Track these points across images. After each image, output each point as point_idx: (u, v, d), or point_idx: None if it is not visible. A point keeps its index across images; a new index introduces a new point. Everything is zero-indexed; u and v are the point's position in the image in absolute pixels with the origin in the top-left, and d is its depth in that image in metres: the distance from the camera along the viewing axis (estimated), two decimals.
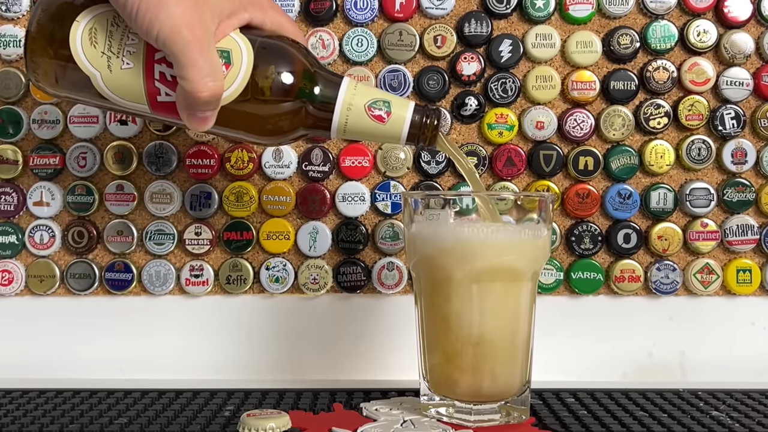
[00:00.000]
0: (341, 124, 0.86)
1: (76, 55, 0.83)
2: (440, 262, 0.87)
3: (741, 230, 1.13)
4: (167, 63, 0.82)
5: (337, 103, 0.86)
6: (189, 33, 0.77)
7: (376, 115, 0.86)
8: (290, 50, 0.86)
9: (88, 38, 0.83)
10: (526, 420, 0.89)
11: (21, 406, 0.94)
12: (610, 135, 1.12)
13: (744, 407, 0.95)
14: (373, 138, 0.89)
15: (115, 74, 0.84)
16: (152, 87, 0.83)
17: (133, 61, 0.83)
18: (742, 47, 1.12)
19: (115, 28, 0.83)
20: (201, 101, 0.79)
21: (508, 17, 1.13)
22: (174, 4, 0.77)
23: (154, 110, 0.85)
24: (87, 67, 0.84)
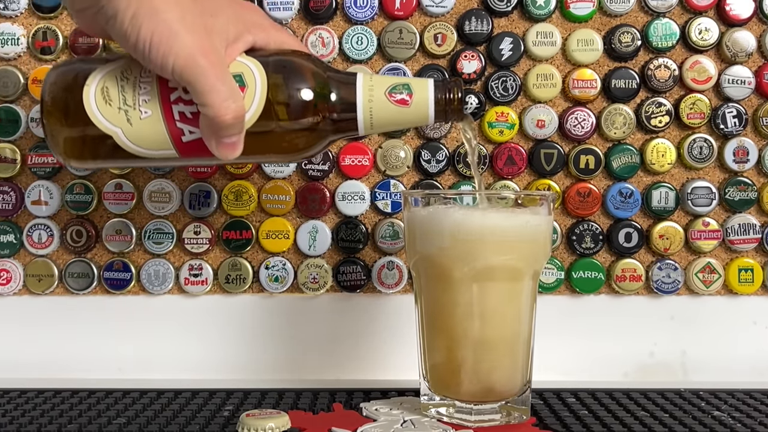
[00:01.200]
0: (367, 119, 0.86)
1: (94, 116, 0.83)
2: (440, 261, 0.87)
3: (743, 229, 1.13)
4: (184, 101, 0.82)
5: (357, 101, 0.85)
6: (204, 60, 0.78)
7: (399, 100, 0.85)
8: (299, 62, 0.86)
9: (101, 98, 0.83)
10: (526, 420, 0.89)
11: (19, 406, 0.94)
12: (611, 133, 1.12)
13: (746, 407, 0.95)
14: (401, 124, 0.89)
15: (136, 126, 0.83)
16: (175, 129, 0.83)
17: (150, 109, 0.82)
18: (743, 45, 1.12)
19: (126, 81, 0.83)
20: (226, 124, 0.79)
21: (508, 15, 1.13)
22: (185, 33, 0.77)
23: (182, 152, 0.85)
24: (107, 127, 0.83)
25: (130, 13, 0.76)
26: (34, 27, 1.12)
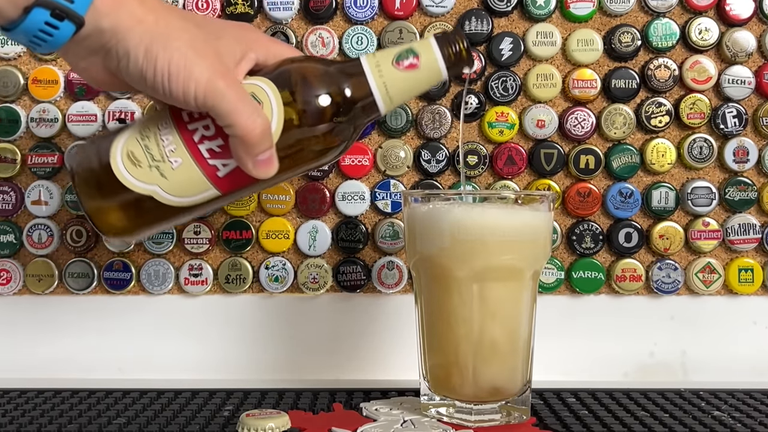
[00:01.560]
0: (384, 96, 0.85)
1: (128, 183, 0.82)
2: (440, 261, 0.87)
3: (743, 229, 1.13)
4: (208, 138, 0.82)
5: (370, 83, 0.85)
6: (222, 82, 0.77)
7: (408, 65, 0.84)
8: (304, 68, 0.86)
9: (130, 162, 0.82)
10: (526, 420, 0.89)
11: (19, 406, 0.94)
12: (611, 133, 1.12)
13: (746, 407, 0.95)
14: (419, 88, 0.88)
15: (171, 178, 0.83)
16: (208, 167, 0.83)
17: (179, 156, 0.82)
18: (743, 45, 1.12)
19: (147, 139, 0.83)
20: (256, 140, 0.79)
21: (508, 15, 1.13)
22: (199, 58, 0.77)
23: (222, 188, 0.84)
24: (144, 188, 0.83)
25: (143, 48, 0.75)
26: None
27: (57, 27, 0.72)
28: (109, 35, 0.74)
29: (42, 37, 0.73)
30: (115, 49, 0.75)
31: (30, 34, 0.72)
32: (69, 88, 1.12)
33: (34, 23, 0.71)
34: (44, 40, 0.73)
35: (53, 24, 0.72)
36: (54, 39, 0.73)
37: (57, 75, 1.12)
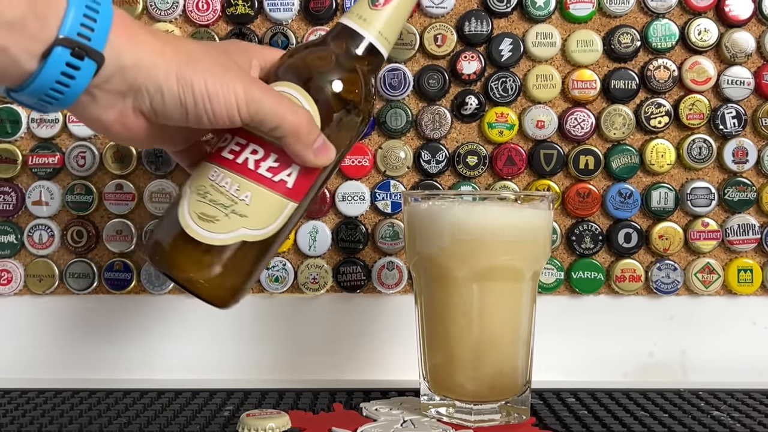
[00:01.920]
0: (381, 39, 0.87)
1: (216, 240, 0.83)
2: (440, 261, 0.87)
3: (742, 230, 1.13)
4: (261, 160, 0.82)
5: (364, 36, 0.86)
6: (257, 89, 0.78)
7: (384, 1, 0.86)
8: (306, 58, 0.87)
9: (205, 222, 0.83)
10: (526, 420, 0.89)
11: (20, 406, 0.94)
12: (610, 134, 1.12)
13: (745, 407, 0.95)
14: (405, 14, 0.88)
15: (251, 213, 0.83)
16: (276, 184, 0.83)
17: (247, 190, 0.82)
18: (743, 46, 1.12)
19: (208, 194, 0.83)
20: (306, 129, 0.80)
21: (508, 16, 1.13)
22: (229, 73, 0.77)
23: (296, 197, 0.85)
24: (232, 236, 0.83)
25: (174, 78, 0.74)
26: None
27: (78, 67, 0.69)
28: (133, 72, 0.73)
29: (59, 88, 0.70)
30: (144, 86, 0.74)
31: (47, 86, 0.69)
32: None
33: (55, 67, 0.68)
34: (64, 86, 0.70)
35: (74, 65, 0.69)
36: (76, 82, 0.70)
37: None
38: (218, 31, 1.12)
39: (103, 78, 0.71)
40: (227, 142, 0.84)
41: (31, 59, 0.67)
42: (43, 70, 0.68)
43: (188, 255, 0.83)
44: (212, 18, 1.12)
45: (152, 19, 1.12)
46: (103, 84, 0.72)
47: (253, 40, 1.11)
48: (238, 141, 0.83)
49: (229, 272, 0.84)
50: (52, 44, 0.67)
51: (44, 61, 0.68)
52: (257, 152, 0.82)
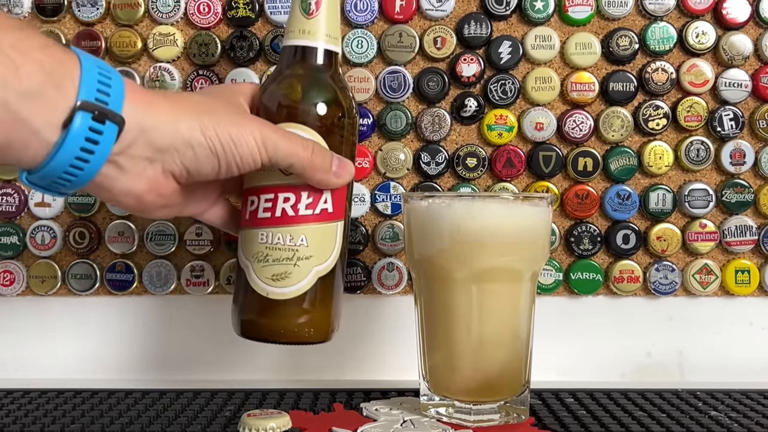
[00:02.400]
0: (329, 40, 0.89)
1: (297, 291, 0.86)
2: (440, 262, 0.87)
3: (739, 231, 1.13)
4: (295, 202, 0.85)
5: (317, 47, 0.89)
6: (268, 130, 0.80)
7: (315, 3, 0.88)
8: (273, 92, 0.89)
9: (280, 281, 0.86)
10: (525, 420, 0.89)
11: (23, 407, 0.94)
12: (609, 136, 1.12)
13: (742, 407, 0.95)
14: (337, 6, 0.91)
15: (313, 252, 0.86)
16: (320, 216, 0.87)
17: (299, 235, 0.86)
18: (740, 49, 1.12)
19: (268, 257, 0.86)
20: (319, 159, 0.83)
21: (507, 19, 1.13)
22: (241, 118, 0.80)
23: (340, 216, 0.89)
24: (308, 281, 0.87)
25: (199, 131, 0.75)
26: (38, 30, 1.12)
27: (101, 132, 0.68)
28: (157, 134, 0.73)
29: (84, 156, 0.69)
30: (172, 145, 0.74)
31: (70, 156, 0.68)
32: None
33: (78, 135, 0.67)
34: (89, 152, 0.69)
35: (96, 129, 0.68)
36: (100, 148, 0.69)
37: None
38: (219, 33, 1.12)
39: (126, 143, 0.71)
40: (256, 204, 0.87)
41: (53, 129, 0.67)
42: (66, 139, 0.67)
43: (282, 317, 0.87)
44: (213, 21, 1.12)
45: (154, 21, 1.12)
46: (127, 150, 0.72)
47: (254, 42, 1.11)
48: (266, 198, 0.86)
49: (320, 309, 0.88)
50: (72, 111, 0.67)
51: (66, 130, 0.67)
52: (289, 199, 0.85)
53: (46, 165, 0.68)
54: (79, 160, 0.68)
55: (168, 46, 1.12)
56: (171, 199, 0.79)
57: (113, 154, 0.70)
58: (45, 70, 0.66)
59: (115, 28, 1.13)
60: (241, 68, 1.12)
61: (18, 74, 0.64)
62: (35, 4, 1.12)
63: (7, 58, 0.63)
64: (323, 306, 0.89)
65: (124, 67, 1.12)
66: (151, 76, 1.12)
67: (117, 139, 0.70)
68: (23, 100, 0.64)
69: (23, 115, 0.65)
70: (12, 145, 0.66)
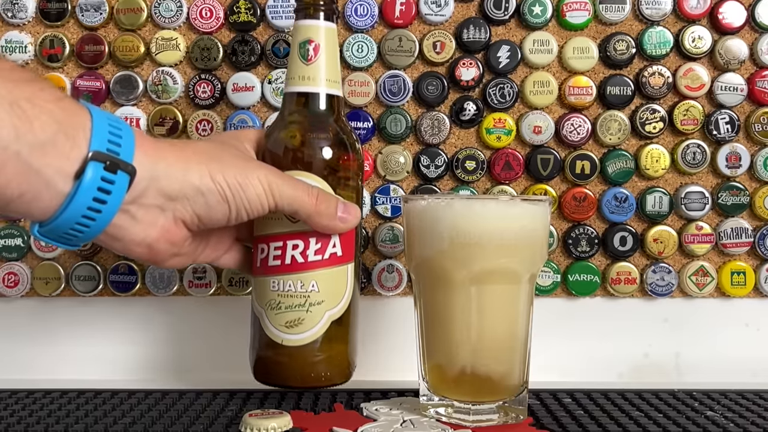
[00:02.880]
0: (330, 84, 0.91)
1: (312, 336, 0.88)
2: (439, 264, 0.87)
3: (735, 233, 1.13)
4: (304, 249, 0.87)
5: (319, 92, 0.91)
6: (273, 176, 0.81)
7: (314, 49, 0.90)
8: (278, 140, 0.91)
9: (294, 328, 0.88)
10: (523, 420, 0.89)
11: (26, 407, 0.94)
12: (606, 139, 1.12)
13: (738, 407, 0.95)
14: (335, 51, 0.92)
15: (326, 297, 0.88)
16: (329, 260, 0.88)
17: (310, 281, 0.88)
18: (736, 53, 1.12)
19: (281, 304, 0.88)
20: (324, 207, 0.85)
21: (506, 23, 1.13)
22: (248, 163, 0.81)
23: (350, 258, 0.90)
24: (323, 324, 0.89)
25: (208, 178, 0.76)
26: (42, 35, 1.12)
27: (112, 181, 0.69)
28: (167, 182, 0.73)
29: (96, 206, 0.69)
30: (183, 193, 0.75)
31: (83, 207, 0.68)
32: (76, 94, 1.12)
33: (90, 184, 0.68)
34: (101, 203, 0.69)
35: (108, 179, 0.68)
36: (112, 197, 0.69)
37: (64, 82, 1.12)
38: (221, 38, 1.12)
39: (137, 192, 0.72)
40: (266, 252, 0.89)
41: (65, 180, 0.67)
42: (79, 189, 0.67)
43: (297, 363, 0.89)
44: (215, 25, 1.12)
45: (157, 26, 1.12)
46: (139, 199, 0.72)
47: (255, 47, 1.11)
48: (275, 245, 0.88)
49: (335, 352, 0.91)
50: (84, 161, 0.67)
51: (79, 180, 0.67)
52: (298, 246, 0.87)
53: (59, 216, 0.68)
54: (92, 210, 0.69)
55: (170, 50, 1.12)
56: (183, 247, 0.80)
57: (125, 204, 0.71)
58: (57, 122, 0.66)
59: (119, 32, 1.13)
60: (242, 72, 1.12)
61: (32, 126, 0.64)
62: (39, 8, 1.12)
63: (22, 111, 0.64)
64: (338, 349, 0.91)
65: (128, 72, 1.12)
66: (154, 80, 1.12)
67: (128, 189, 0.70)
68: (36, 151, 0.65)
69: (36, 165, 0.65)
70: (24, 196, 0.66)
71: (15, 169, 0.64)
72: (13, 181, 0.64)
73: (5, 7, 1.12)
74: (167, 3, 1.12)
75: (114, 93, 1.12)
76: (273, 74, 1.12)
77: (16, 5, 1.12)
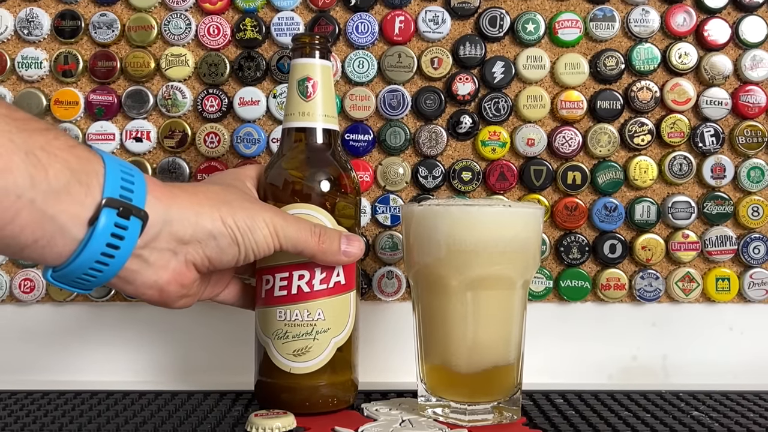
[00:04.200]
0: (327, 119, 0.92)
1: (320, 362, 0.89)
2: (436, 271, 0.87)
3: (720, 241, 1.14)
4: (309, 278, 0.88)
5: (316, 128, 0.92)
6: (278, 217, 0.82)
7: (312, 86, 0.90)
8: (278, 175, 0.92)
9: (301, 356, 0.89)
10: (517, 420, 0.89)
11: (42, 407, 0.94)
12: (596, 151, 1.13)
13: (723, 407, 0.96)
14: (331, 87, 0.93)
15: (331, 324, 0.89)
16: (334, 289, 0.89)
17: (316, 309, 0.88)
18: (721, 69, 1.13)
19: (287, 333, 0.89)
20: (328, 244, 0.85)
21: (500, 40, 1.14)
22: (252, 204, 0.81)
23: (352, 286, 0.91)
24: (329, 351, 0.89)
25: (219, 221, 0.76)
26: (56, 51, 1.13)
27: (125, 227, 0.69)
28: (180, 226, 0.74)
29: (109, 251, 0.69)
30: (195, 237, 0.75)
31: (96, 252, 0.68)
32: (89, 108, 1.13)
33: (104, 231, 0.67)
34: (114, 248, 0.69)
35: (121, 225, 0.68)
36: (125, 243, 0.69)
37: (77, 96, 1.13)
38: (228, 54, 1.13)
39: (150, 237, 0.72)
40: (272, 282, 0.89)
41: (79, 226, 0.67)
42: (93, 235, 0.67)
43: (306, 390, 0.89)
44: (222, 42, 1.12)
45: (166, 43, 1.13)
46: (151, 243, 0.72)
47: (260, 63, 1.12)
48: (281, 276, 0.88)
49: (341, 378, 0.91)
50: (98, 207, 0.67)
51: (93, 226, 0.67)
52: (303, 276, 0.87)
53: (73, 261, 0.68)
54: (105, 255, 0.68)
55: (179, 66, 1.13)
56: (191, 288, 0.80)
57: (138, 248, 0.71)
58: (71, 169, 0.66)
59: (130, 49, 1.13)
60: (248, 87, 1.13)
61: (47, 174, 0.64)
62: (54, 26, 1.13)
63: (37, 160, 0.64)
64: (344, 374, 0.91)
65: (139, 86, 1.13)
66: (164, 94, 1.12)
67: (141, 233, 0.70)
68: (51, 198, 0.64)
69: (50, 212, 0.65)
70: (38, 242, 0.66)
71: (30, 216, 0.64)
72: (28, 227, 0.64)
73: (22, 24, 1.12)
74: (177, 21, 1.12)
75: (125, 107, 1.13)
76: (278, 89, 1.12)
77: (32, 23, 1.12)
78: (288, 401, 0.89)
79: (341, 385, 0.91)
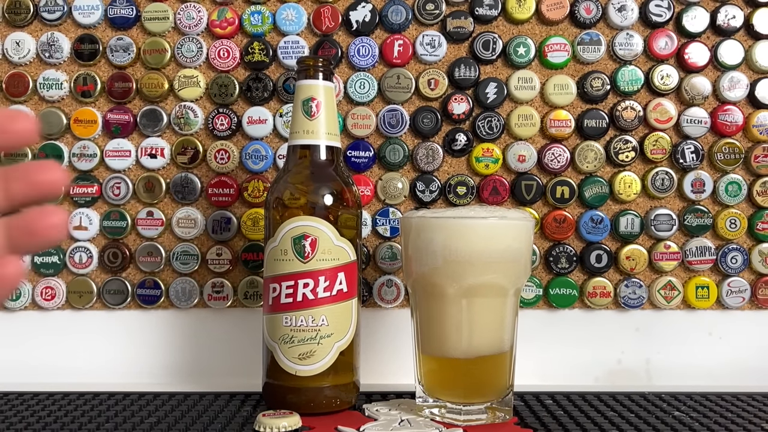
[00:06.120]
0: (330, 137, 0.93)
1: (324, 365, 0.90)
2: (433, 279, 0.88)
3: (700, 251, 1.14)
4: (315, 286, 0.89)
5: (319, 145, 0.93)
6: None
7: (316, 106, 0.92)
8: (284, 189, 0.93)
9: (308, 359, 0.90)
10: (509, 419, 0.89)
11: (62, 407, 0.95)
12: (583, 167, 1.13)
13: (702, 408, 0.96)
14: (333, 105, 0.94)
15: (335, 330, 0.90)
16: (337, 297, 0.90)
17: (320, 315, 0.89)
18: (700, 89, 1.14)
19: (292, 337, 0.90)
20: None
21: (493, 63, 1.14)
22: None
23: (354, 293, 0.92)
24: (333, 355, 0.90)
25: None
26: (76, 73, 1.14)
27: None
28: None
29: None
30: None
31: None
32: (106, 126, 1.14)
33: None
34: None
35: None
36: None
37: (96, 116, 1.13)
38: (237, 76, 1.14)
39: None
40: (278, 291, 0.90)
41: None
42: None
43: (311, 392, 0.90)
44: (232, 65, 1.13)
45: (179, 65, 1.14)
46: None
47: (268, 84, 1.13)
48: (287, 285, 0.89)
49: (344, 380, 0.92)
50: None
51: None
52: (308, 284, 0.88)
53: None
54: None
55: (192, 87, 1.13)
56: None
57: None
58: None
59: (145, 71, 1.14)
60: (256, 106, 1.13)
61: None
62: (74, 49, 1.13)
63: None
64: (346, 376, 0.92)
65: (153, 106, 1.13)
66: (177, 113, 1.13)
67: None
68: None
69: None
70: None
71: None
72: None
73: (43, 48, 1.13)
74: (189, 44, 1.13)
75: (141, 125, 1.13)
76: (284, 108, 1.13)
77: (52, 46, 1.13)
78: (294, 402, 0.89)
79: (344, 387, 0.92)
